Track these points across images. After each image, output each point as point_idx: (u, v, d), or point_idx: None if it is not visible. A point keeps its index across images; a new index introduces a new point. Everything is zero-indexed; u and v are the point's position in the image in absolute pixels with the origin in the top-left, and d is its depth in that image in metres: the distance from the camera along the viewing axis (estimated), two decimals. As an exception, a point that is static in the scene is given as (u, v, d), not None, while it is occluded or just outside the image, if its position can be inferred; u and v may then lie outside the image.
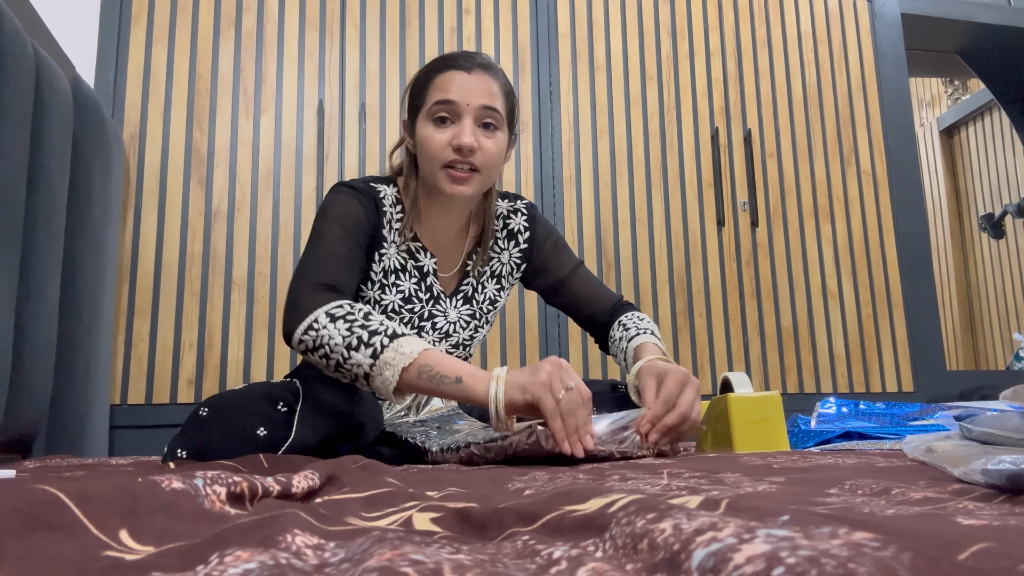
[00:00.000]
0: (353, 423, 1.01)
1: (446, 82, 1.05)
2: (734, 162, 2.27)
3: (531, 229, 1.24)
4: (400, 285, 1.13)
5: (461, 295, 1.19)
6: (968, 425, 0.59)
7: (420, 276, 1.15)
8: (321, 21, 2.08)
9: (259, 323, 1.89)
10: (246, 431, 0.93)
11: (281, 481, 0.50)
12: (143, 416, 1.80)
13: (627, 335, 1.16)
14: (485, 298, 1.22)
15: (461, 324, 1.19)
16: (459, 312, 1.18)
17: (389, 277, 1.12)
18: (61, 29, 1.68)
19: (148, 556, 0.31)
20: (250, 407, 0.95)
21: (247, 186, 1.96)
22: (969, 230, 4.23)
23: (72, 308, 1.45)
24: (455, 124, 1.05)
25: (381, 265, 1.12)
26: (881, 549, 0.22)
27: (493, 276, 1.23)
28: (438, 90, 1.06)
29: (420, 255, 1.15)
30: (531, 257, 1.25)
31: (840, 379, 2.22)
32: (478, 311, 1.21)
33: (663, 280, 2.15)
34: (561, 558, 0.29)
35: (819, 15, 2.46)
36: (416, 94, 1.10)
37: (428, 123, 1.06)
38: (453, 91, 1.05)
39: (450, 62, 1.07)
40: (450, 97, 1.04)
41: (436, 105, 1.05)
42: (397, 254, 1.13)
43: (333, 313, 0.94)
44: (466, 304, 1.19)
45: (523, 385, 0.88)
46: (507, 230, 1.23)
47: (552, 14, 2.23)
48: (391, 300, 1.12)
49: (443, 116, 1.05)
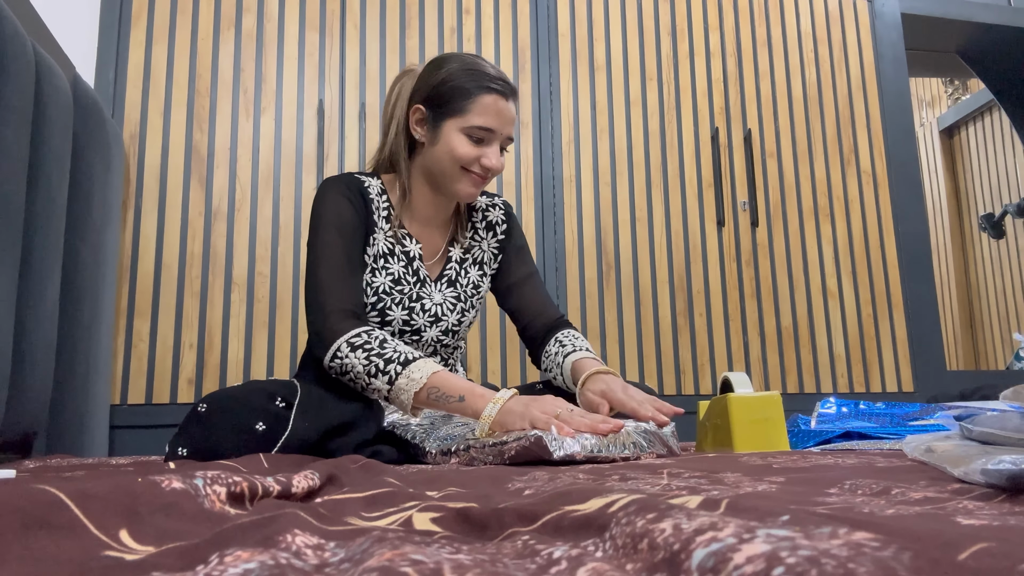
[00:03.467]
0: (350, 419, 1.03)
1: (490, 108, 1.13)
2: (734, 162, 2.27)
3: (508, 223, 1.33)
4: (389, 268, 1.20)
5: (445, 279, 1.26)
6: (968, 425, 0.59)
7: (407, 260, 1.22)
8: (321, 21, 2.08)
9: (259, 323, 1.89)
10: (245, 426, 0.94)
11: (281, 481, 0.50)
12: (143, 416, 1.81)
13: (563, 351, 1.21)
14: (468, 282, 1.28)
15: (448, 306, 1.25)
16: (444, 295, 1.25)
17: (379, 261, 1.19)
18: (61, 29, 1.68)
19: (148, 556, 0.31)
20: (249, 402, 0.97)
21: (247, 186, 1.96)
22: (969, 230, 4.23)
23: (72, 308, 1.45)
24: (485, 144, 1.15)
25: (373, 249, 1.19)
26: (881, 549, 0.22)
27: (475, 263, 1.30)
28: (483, 113, 1.13)
29: (406, 241, 1.22)
30: (504, 251, 1.32)
31: (840, 379, 2.22)
32: (462, 294, 1.27)
33: (663, 280, 2.15)
34: (561, 558, 0.29)
35: (819, 15, 2.46)
36: (453, 97, 1.14)
37: (462, 135, 1.14)
38: (494, 120, 1.14)
39: (493, 84, 1.14)
40: (493, 127, 1.14)
41: (480, 129, 1.14)
42: (385, 239, 1.20)
43: (353, 342, 1.05)
44: (451, 287, 1.26)
45: (521, 413, 0.95)
46: (486, 221, 1.32)
47: (552, 14, 2.23)
48: (382, 282, 1.19)
49: (479, 137, 1.15)
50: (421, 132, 1.18)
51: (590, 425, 0.92)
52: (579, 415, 0.94)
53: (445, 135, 1.14)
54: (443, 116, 1.14)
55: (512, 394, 0.99)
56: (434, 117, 1.15)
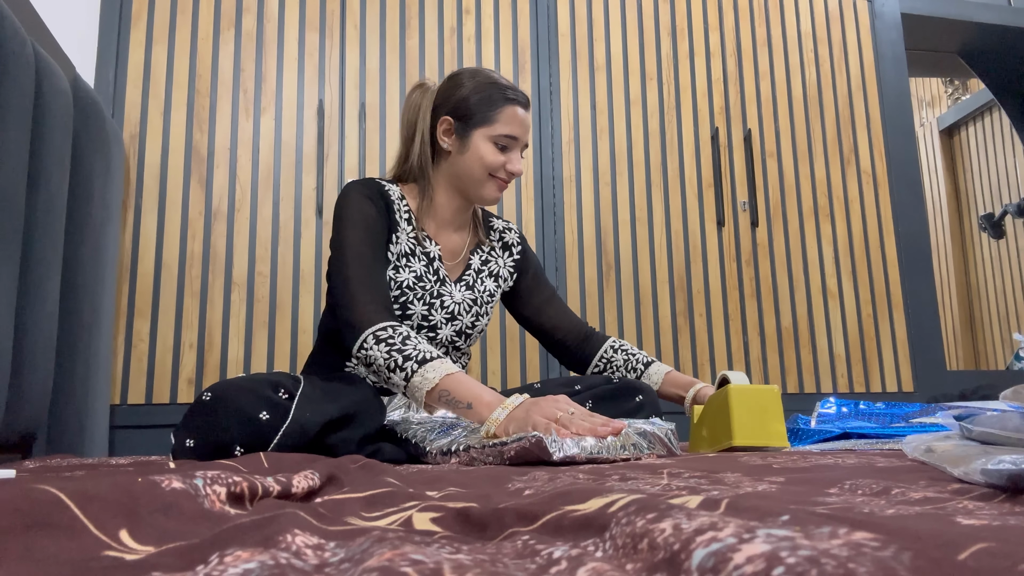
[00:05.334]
0: (352, 411, 1.04)
1: (515, 118, 1.25)
2: (734, 162, 2.27)
3: (522, 247, 1.45)
4: (412, 266, 1.27)
5: (464, 282, 1.33)
6: (968, 425, 0.59)
7: (428, 260, 1.29)
8: (321, 21, 2.08)
9: (259, 323, 1.89)
10: (249, 414, 0.96)
11: (281, 481, 0.50)
12: (143, 416, 1.81)
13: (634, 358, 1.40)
14: (485, 290, 1.36)
15: (464, 307, 1.31)
16: (463, 295, 1.32)
17: (402, 260, 1.26)
18: (61, 29, 1.68)
19: (148, 556, 0.31)
20: (253, 391, 0.99)
21: (247, 186, 1.96)
22: (969, 230, 4.23)
23: (72, 308, 1.45)
24: (510, 151, 1.26)
25: (397, 248, 1.26)
26: (881, 549, 0.22)
27: (491, 275, 1.38)
28: (510, 123, 1.25)
29: (427, 243, 1.30)
30: (521, 275, 1.43)
31: (840, 379, 2.22)
32: (479, 298, 1.34)
33: (663, 280, 2.15)
34: (561, 558, 0.29)
35: (819, 15, 2.46)
36: (480, 108, 1.24)
37: (490, 143, 1.25)
38: (518, 128, 1.26)
39: (516, 97, 1.26)
40: (517, 135, 1.26)
41: (506, 137, 1.25)
42: (407, 240, 1.28)
43: (378, 335, 1.09)
44: (468, 290, 1.33)
45: (522, 418, 0.95)
46: (503, 241, 1.43)
47: (552, 14, 2.23)
48: (406, 278, 1.25)
49: (504, 145, 1.25)
50: (449, 142, 1.27)
51: (590, 428, 0.92)
52: (580, 418, 0.94)
53: (474, 144, 1.24)
54: (472, 126, 1.24)
55: (522, 400, 0.99)
56: (462, 128, 1.25)
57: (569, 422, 0.93)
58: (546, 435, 0.89)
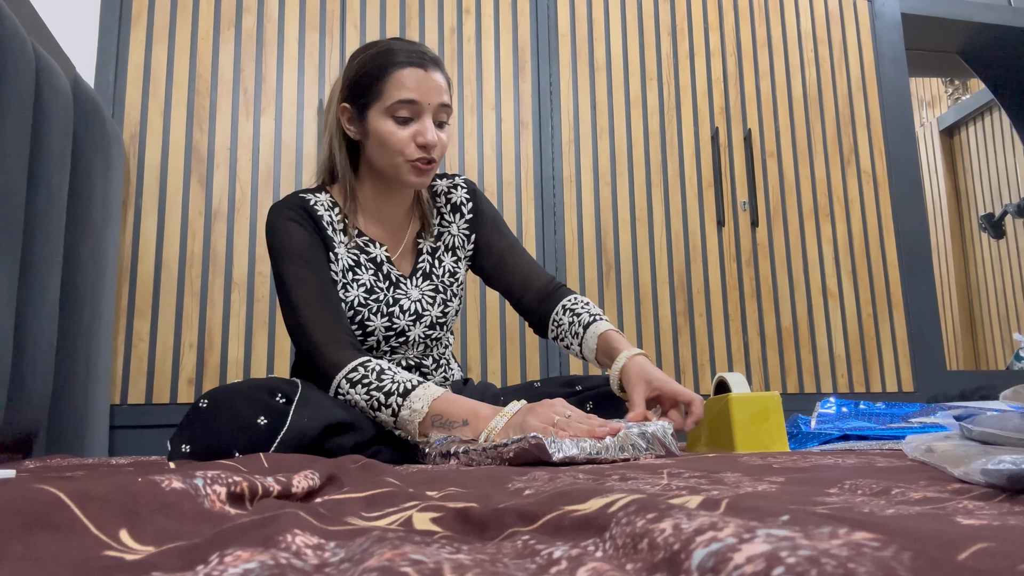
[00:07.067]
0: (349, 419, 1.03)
1: (406, 80, 1.08)
2: (734, 162, 2.27)
3: (473, 201, 1.28)
4: (360, 279, 1.17)
5: (420, 272, 1.23)
6: (968, 425, 0.59)
7: (376, 267, 1.19)
8: (321, 21, 2.08)
9: (259, 323, 1.89)
10: (247, 420, 0.95)
11: (281, 481, 0.50)
12: (143, 416, 1.81)
13: (579, 320, 1.19)
14: (444, 271, 1.25)
15: (427, 301, 1.21)
16: (421, 290, 1.22)
17: (347, 275, 1.16)
18: (61, 29, 1.68)
19: (148, 556, 0.31)
20: (251, 397, 0.97)
21: (247, 186, 1.96)
22: (969, 230, 4.23)
23: (72, 308, 1.45)
24: (416, 122, 1.10)
25: (338, 266, 1.16)
26: (881, 549, 0.22)
27: (448, 250, 1.26)
28: (399, 88, 1.08)
29: (370, 247, 1.19)
30: (478, 230, 1.28)
31: (840, 379, 2.22)
32: (440, 285, 1.24)
33: (663, 280, 2.15)
34: (561, 558, 0.29)
35: (819, 15, 2.46)
36: (367, 86, 1.11)
37: (388, 119, 1.10)
38: (415, 91, 1.08)
39: (406, 58, 1.09)
40: (414, 97, 1.08)
41: (399, 104, 1.08)
42: (347, 253, 1.17)
43: (351, 378, 1.03)
44: (426, 280, 1.23)
45: (519, 424, 0.94)
46: (450, 204, 1.27)
47: (552, 14, 2.23)
48: (355, 295, 1.16)
49: (405, 115, 1.09)
50: (354, 130, 1.15)
51: (588, 430, 0.92)
52: (576, 420, 0.93)
53: (372, 124, 1.11)
54: (366, 106, 1.11)
55: (519, 408, 0.97)
56: (359, 111, 1.13)
57: (567, 425, 0.92)
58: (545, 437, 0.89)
